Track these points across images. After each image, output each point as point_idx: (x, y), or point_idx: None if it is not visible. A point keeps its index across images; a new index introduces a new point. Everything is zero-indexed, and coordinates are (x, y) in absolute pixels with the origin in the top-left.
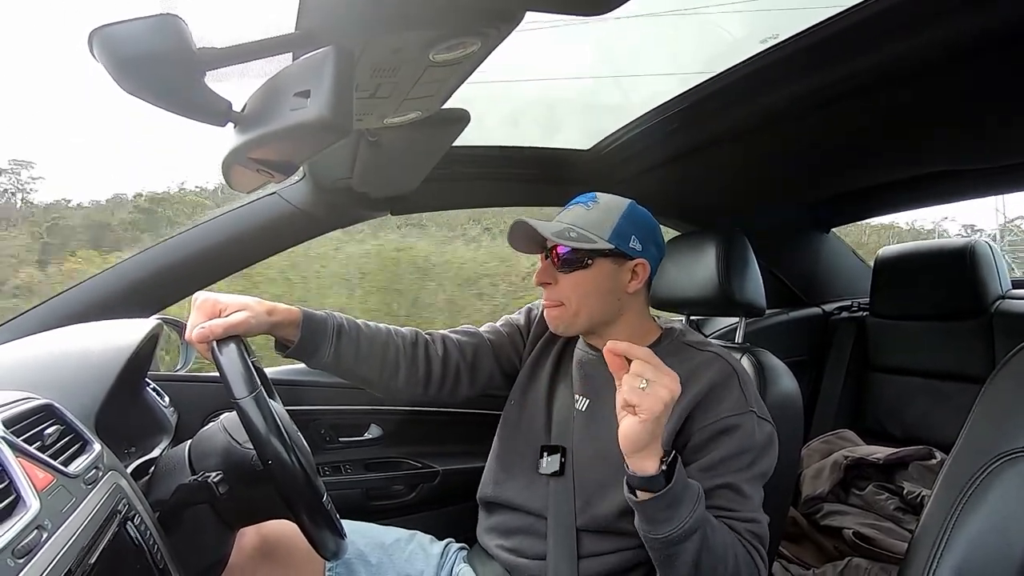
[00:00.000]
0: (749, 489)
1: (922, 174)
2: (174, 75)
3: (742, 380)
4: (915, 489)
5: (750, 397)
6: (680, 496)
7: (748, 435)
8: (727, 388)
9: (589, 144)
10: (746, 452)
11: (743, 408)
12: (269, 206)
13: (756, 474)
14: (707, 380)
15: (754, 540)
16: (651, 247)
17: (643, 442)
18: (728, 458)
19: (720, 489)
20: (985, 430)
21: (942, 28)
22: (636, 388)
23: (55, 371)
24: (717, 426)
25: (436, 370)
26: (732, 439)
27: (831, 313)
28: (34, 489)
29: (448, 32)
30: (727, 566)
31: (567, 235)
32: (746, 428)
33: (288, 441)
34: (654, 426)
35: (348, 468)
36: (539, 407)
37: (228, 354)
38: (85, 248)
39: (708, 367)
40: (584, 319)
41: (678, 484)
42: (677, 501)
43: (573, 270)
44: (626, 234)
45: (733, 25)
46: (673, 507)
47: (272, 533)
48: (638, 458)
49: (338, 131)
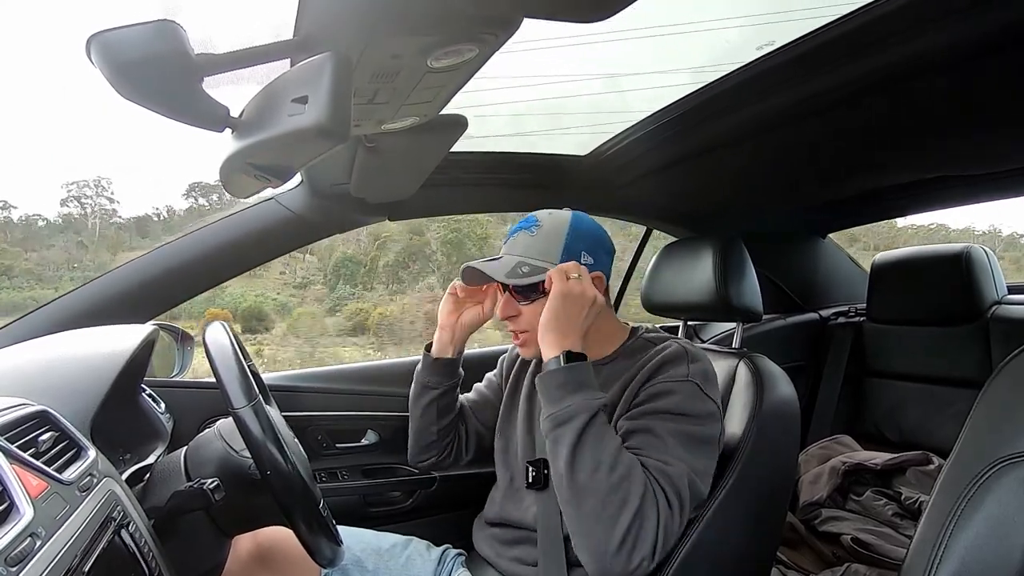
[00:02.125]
0: (670, 440)
1: (919, 179)
2: (172, 81)
3: (691, 359)
4: (913, 494)
5: (694, 372)
6: (574, 386)
7: (684, 400)
8: (674, 363)
9: (586, 150)
10: (681, 414)
11: (682, 377)
12: (266, 211)
13: (683, 431)
14: (658, 358)
15: (661, 477)
16: (602, 255)
17: (555, 322)
18: (656, 411)
19: (640, 432)
20: (983, 435)
21: (939, 34)
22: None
23: (50, 377)
24: (655, 388)
25: (456, 441)
26: (666, 400)
27: (828, 318)
28: (28, 496)
29: (446, 38)
30: (612, 471)
31: (519, 272)
32: (684, 394)
33: (285, 449)
34: (565, 305)
35: (345, 474)
36: (520, 430)
37: (225, 362)
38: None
39: (663, 350)
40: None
41: (575, 375)
42: (569, 387)
43: (532, 301)
44: (576, 251)
45: (730, 32)
46: (564, 389)
47: (268, 540)
48: (547, 337)
49: (336, 137)
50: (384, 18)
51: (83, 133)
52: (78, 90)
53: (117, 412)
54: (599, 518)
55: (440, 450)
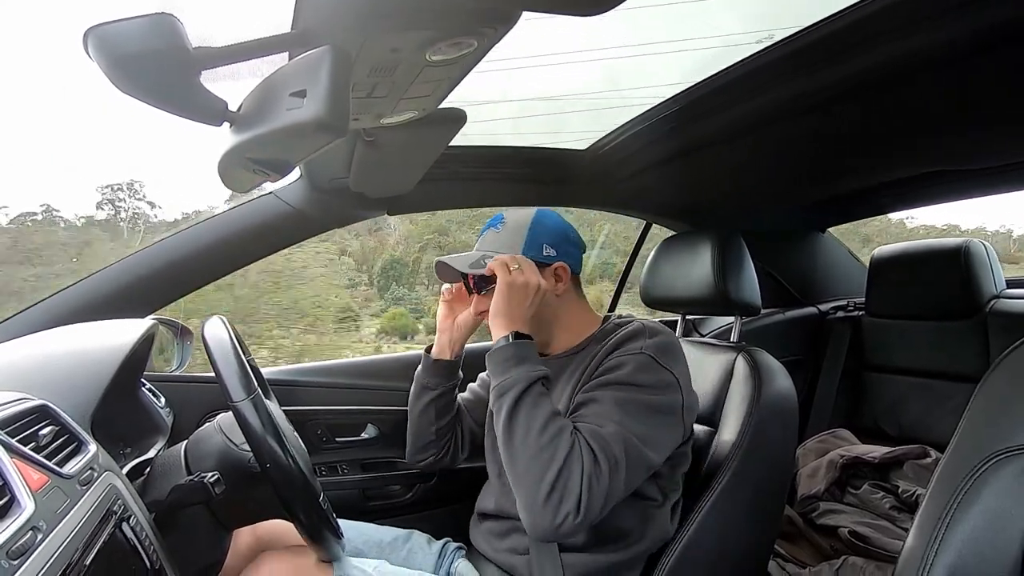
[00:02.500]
0: (614, 409)
1: (918, 174)
2: (170, 74)
3: (649, 335)
4: (910, 488)
5: (649, 345)
6: (517, 360)
7: (635, 371)
8: (632, 338)
9: (586, 145)
10: (629, 384)
11: (637, 350)
12: (265, 206)
13: (627, 399)
14: (619, 336)
15: (592, 438)
16: (567, 247)
17: (502, 308)
18: (606, 384)
19: (587, 404)
20: (980, 428)
21: (937, 29)
22: (508, 267)
23: (50, 372)
24: (609, 362)
25: (449, 443)
26: (617, 371)
27: (827, 313)
28: (29, 490)
29: (445, 32)
30: (542, 434)
31: (480, 264)
32: (635, 365)
33: (285, 443)
34: (510, 294)
35: (345, 468)
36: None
37: (224, 356)
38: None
39: (625, 328)
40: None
41: (519, 351)
42: (513, 360)
43: (487, 291)
44: (537, 244)
45: (730, 25)
46: (508, 363)
47: (268, 533)
48: (496, 321)
49: (334, 131)
50: (382, 12)
51: (119, 134)
52: (78, 89)
53: (117, 406)
54: (529, 474)
55: (438, 450)
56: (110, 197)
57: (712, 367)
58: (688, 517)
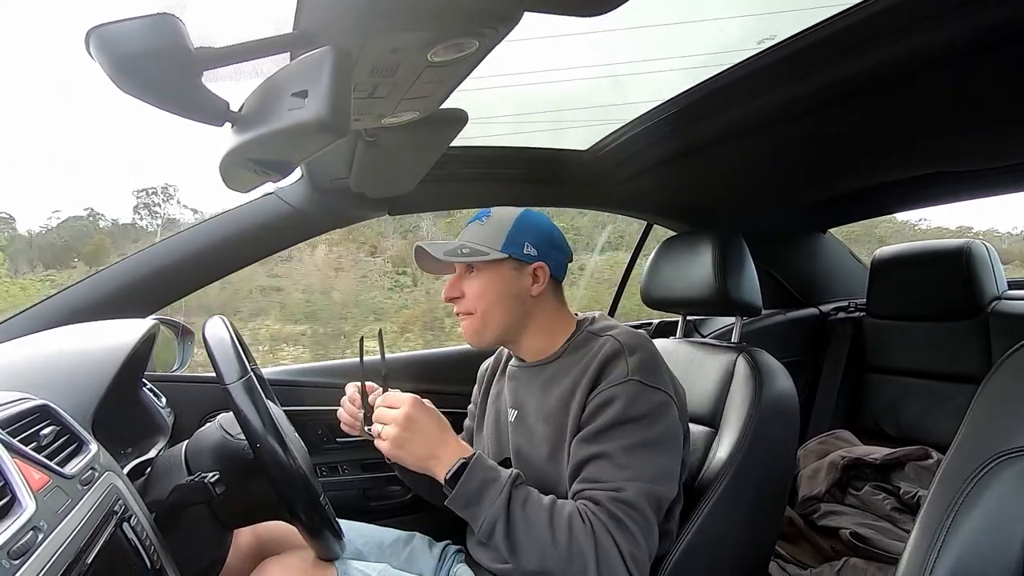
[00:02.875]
0: (624, 459)
1: (919, 175)
2: (171, 75)
3: (629, 353)
4: (912, 489)
5: (633, 368)
6: (476, 497)
7: (629, 404)
8: (612, 363)
9: (587, 145)
10: (628, 422)
11: (623, 378)
12: (267, 206)
13: (638, 442)
14: (598, 361)
15: (616, 507)
16: (549, 250)
17: (420, 464)
18: (606, 428)
19: (594, 460)
20: (981, 430)
21: (938, 29)
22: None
23: (51, 371)
24: (599, 399)
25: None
26: (611, 409)
27: (828, 314)
28: (30, 490)
29: (446, 32)
30: (555, 545)
31: (459, 252)
32: (627, 397)
33: (280, 429)
34: (410, 450)
35: (345, 468)
36: (487, 431)
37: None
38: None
39: (600, 349)
40: (493, 326)
41: (470, 487)
42: (471, 502)
43: (469, 277)
44: (518, 242)
45: (730, 26)
46: (470, 506)
47: (269, 533)
48: (430, 474)
49: (335, 131)
50: (384, 12)
51: (153, 137)
52: (79, 90)
53: (118, 406)
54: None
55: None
56: (145, 201)
57: (713, 368)
58: (689, 518)
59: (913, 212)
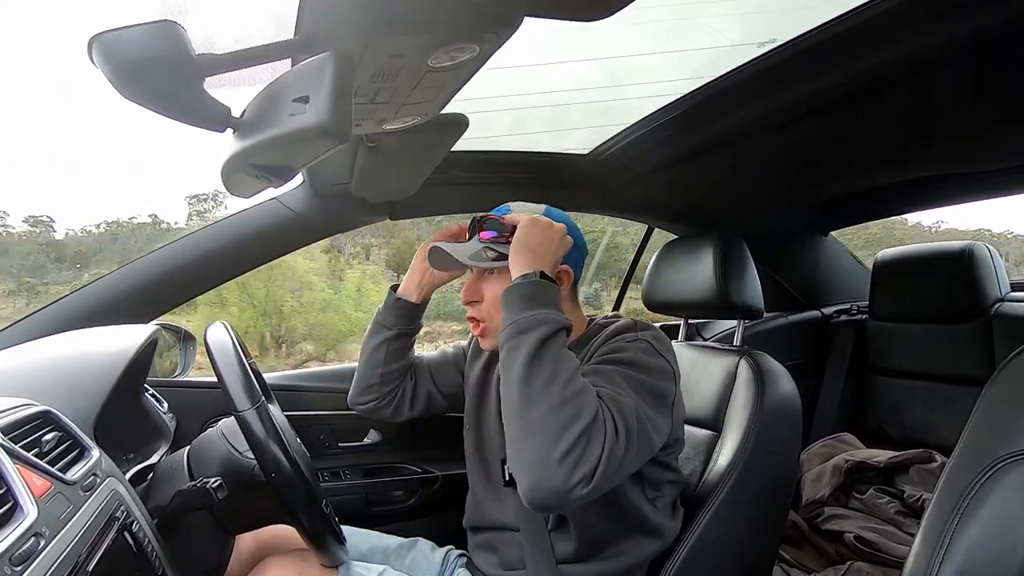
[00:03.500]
0: (620, 381)
1: (921, 177)
2: (173, 81)
3: (641, 327)
4: (916, 492)
5: (644, 335)
6: (542, 300)
7: (633, 354)
8: (626, 329)
9: (588, 149)
10: (627, 362)
11: (633, 338)
12: (268, 211)
13: (634, 377)
14: (609, 330)
15: (613, 406)
16: (572, 251)
17: (526, 244)
18: (610, 362)
19: (594, 375)
20: (985, 433)
21: (940, 31)
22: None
23: (53, 377)
24: (607, 348)
25: (405, 396)
26: (617, 355)
27: (830, 316)
28: (32, 496)
29: (447, 37)
30: (567, 386)
31: (485, 257)
32: (632, 349)
33: (290, 451)
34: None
35: (348, 474)
36: (492, 425)
37: (228, 363)
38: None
39: (614, 324)
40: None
41: (545, 291)
42: (537, 300)
43: (491, 279)
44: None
45: (731, 29)
46: (531, 300)
47: (270, 539)
48: (519, 257)
49: (337, 136)
50: (385, 18)
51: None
52: (79, 91)
53: (120, 412)
54: (546, 426)
55: (380, 396)
56: (197, 208)
57: (715, 371)
58: (692, 522)
59: (929, 215)
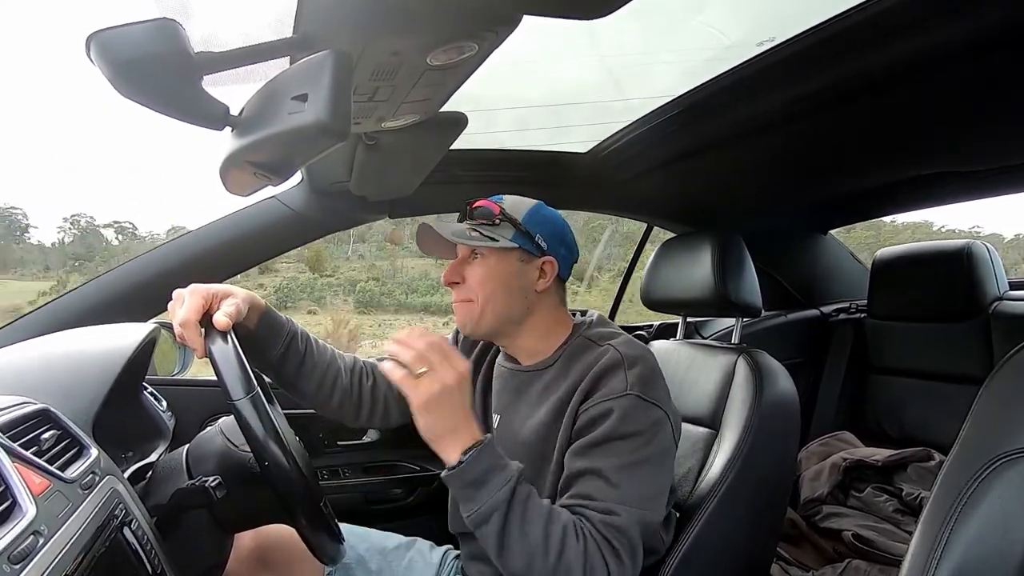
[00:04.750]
0: (617, 478)
1: (920, 175)
2: (172, 79)
3: (628, 365)
4: (914, 491)
5: (633, 381)
6: (480, 481)
7: (625, 419)
8: (610, 374)
9: (586, 147)
10: (623, 438)
11: (621, 391)
12: (267, 210)
13: (632, 461)
14: (594, 370)
15: (607, 531)
16: (559, 247)
17: (430, 429)
18: (601, 442)
19: (586, 475)
20: (984, 431)
21: (940, 29)
22: (411, 375)
23: (52, 376)
24: (595, 410)
25: (367, 399)
26: (608, 422)
27: (829, 315)
28: (30, 494)
29: (445, 36)
30: (547, 556)
31: (467, 235)
32: (623, 411)
33: (285, 443)
34: (425, 413)
35: (347, 472)
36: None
37: (225, 355)
38: None
39: (599, 359)
40: (491, 317)
41: (478, 468)
42: (477, 483)
43: (473, 261)
44: (530, 233)
45: (730, 28)
46: (470, 488)
47: (269, 538)
48: (435, 446)
49: (336, 135)
50: (384, 16)
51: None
52: (78, 90)
53: (119, 410)
54: None
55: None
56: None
57: (713, 369)
58: (690, 521)
59: (939, 217)
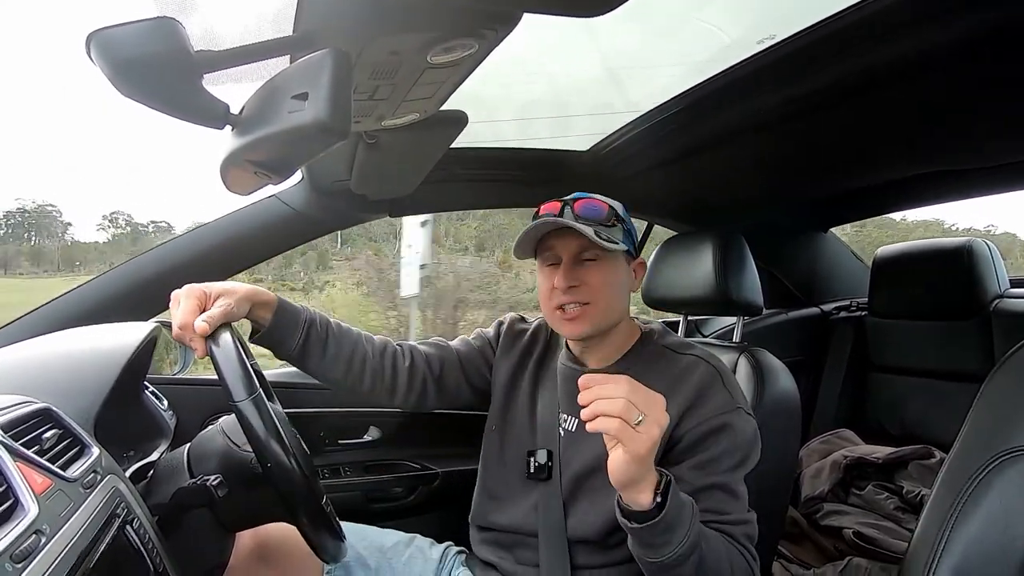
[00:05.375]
0: (740, 488)
1: (920, 174)
2: (172, 78)
3: (726, 380)
4: (915, 488)
5: (736, 395)
6: (674, 522)
7: (738, 432)
8: (713, 389)
9: (587, 145)
10: (737, 450)
11: (731, 406)
12: (267, 209)
13: (743, 471)
14: (693, 385)
15: (748, 543)
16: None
17: (636, 477)
18: (720, 457)
19: (712, 489)
20: (984, 429)
21: (939, 28)
22: (629, 425)
23: (54, 375)
24: (707, 426)
25: (402, 381)
26: (723, 437)
27: (830, 313)
28: (32, 493)
29: (446, 34)
30: (733, 572)
31: (601, 237)
32: (736, 426)
33: (287, 444)
34: (643, 462)
35: (347, 470)
36: (523, 426)
37: (226, 355)
38: None
39: (692, 371)
40: (609, 319)
41: (671, 510)
42: (672, 527)
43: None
44: (632, 236)
45: (730, 26)
46: (668, 532)
47: (270, 536)
48: (631, 492)
49: (336, 133)
50: (384, 14)
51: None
52: (79, 90)
53: (120, 409)
54: None
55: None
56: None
57: None
58: None
59: (952, 215)
